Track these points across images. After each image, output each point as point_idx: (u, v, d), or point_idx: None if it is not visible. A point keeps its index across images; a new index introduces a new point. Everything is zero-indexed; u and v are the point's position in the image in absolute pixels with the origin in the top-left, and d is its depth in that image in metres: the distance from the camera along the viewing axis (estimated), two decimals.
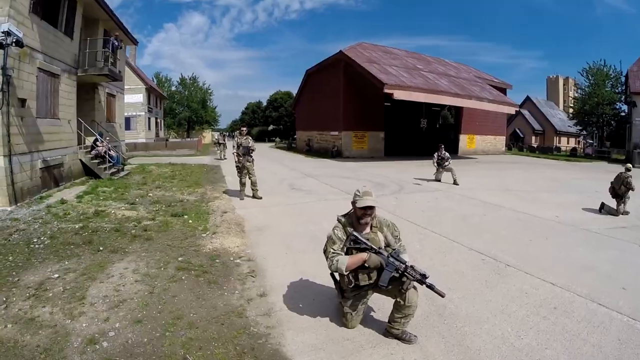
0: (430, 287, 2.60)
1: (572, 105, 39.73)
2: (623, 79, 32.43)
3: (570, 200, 9.35)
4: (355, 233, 2.74)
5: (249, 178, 8.48)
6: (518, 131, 51.45)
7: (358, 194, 2.77)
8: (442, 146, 12.67)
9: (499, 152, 31.00)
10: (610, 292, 3.84)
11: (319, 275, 3.95)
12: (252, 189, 8.48)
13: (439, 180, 12.08)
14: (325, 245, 2.87)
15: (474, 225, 6.58)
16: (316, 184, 11.19)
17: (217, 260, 4.39)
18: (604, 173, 18.45)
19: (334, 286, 3.11)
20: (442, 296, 2.60)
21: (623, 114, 33.48)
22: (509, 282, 4.00)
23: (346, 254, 2.77)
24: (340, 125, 23.67)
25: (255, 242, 5.25)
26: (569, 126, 47.84)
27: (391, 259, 2.67)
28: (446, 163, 12.02)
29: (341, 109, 23.46)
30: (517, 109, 28.30)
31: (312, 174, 13.79)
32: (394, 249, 2.80)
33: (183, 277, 3.85)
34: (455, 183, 11.42)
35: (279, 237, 5.56)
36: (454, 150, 25.63)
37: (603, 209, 7.83)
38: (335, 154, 23.41)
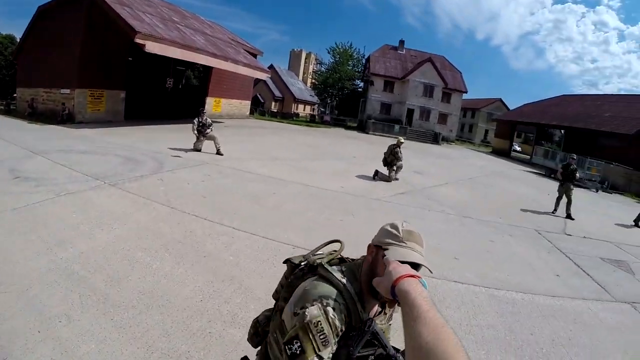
0: None
1: (312, 77, 47.50)
2: (364, 61, 41.95)
3: (340, 168, 10.49)
4: (376, 327, 1.16)
5: None
6: (259, 96, 56.96)
7: (397, 234, 1.24)
8: (204, 111, 11.52)
9: (244, 116, 33.54)
10: (530, 279, 4.01)
11: None
12: None
13: (199, 150, 10.94)
14: (299, 341, 1.09)
15: (274, 208, 5.97)
16: (49, 166, 7.87)
17: None
18: (346, 138, 22.86)
19: None
20: None
21: (359, 89, 43.04)
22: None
23: (334, 357, 1.11)
24: (75, 81, 19.01)
25: None
26: (310, 95, 57.27)
27: None
28: (208, 130, 10.98)
29: (77, 61, 18.76)
30: (269, 75, 30.36)
31: (41, 149, 9.77)
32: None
33: None
34: (218, 153, 10.63)
35: (12, 288, 2.94)
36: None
37: (377, 175, 9.12)
38: (67, 118, 18.87)
